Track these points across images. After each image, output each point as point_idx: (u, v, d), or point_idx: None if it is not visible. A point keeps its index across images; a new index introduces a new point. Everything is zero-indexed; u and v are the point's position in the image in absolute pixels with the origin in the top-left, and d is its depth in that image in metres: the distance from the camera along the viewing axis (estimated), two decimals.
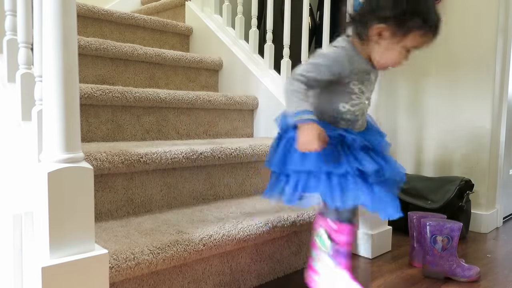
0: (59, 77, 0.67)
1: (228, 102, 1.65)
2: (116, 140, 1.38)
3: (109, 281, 0.75)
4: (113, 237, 0.93)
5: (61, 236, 0.67)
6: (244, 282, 1.13)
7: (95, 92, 1.29)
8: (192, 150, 1.22)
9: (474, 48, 1.81)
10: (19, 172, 0.92)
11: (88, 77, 1.56)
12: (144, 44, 1.97)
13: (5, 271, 0.88)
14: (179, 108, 1.54)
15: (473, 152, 1.82)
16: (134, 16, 1.92)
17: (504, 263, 1.40)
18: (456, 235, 1.22)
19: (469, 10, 1.82)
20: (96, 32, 1.83)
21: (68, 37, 0.67)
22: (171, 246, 0.91)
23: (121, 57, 1.62)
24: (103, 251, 0.72)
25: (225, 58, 1.94)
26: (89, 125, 1.32)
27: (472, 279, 1.22)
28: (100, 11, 1.82)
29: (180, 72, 1.83)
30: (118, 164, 1.06)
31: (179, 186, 1.24)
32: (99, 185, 1.06)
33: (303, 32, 1.64)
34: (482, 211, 1.78)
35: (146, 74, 1.72)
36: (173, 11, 2.33)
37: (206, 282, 1.04)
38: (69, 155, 0.68)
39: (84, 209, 0.70)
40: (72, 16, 0.67)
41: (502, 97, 1.83)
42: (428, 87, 1.97)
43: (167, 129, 1.51)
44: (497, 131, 1.82)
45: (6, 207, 0.96)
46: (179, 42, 2.12)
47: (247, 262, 1.13)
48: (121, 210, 1.12)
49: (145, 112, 1.45)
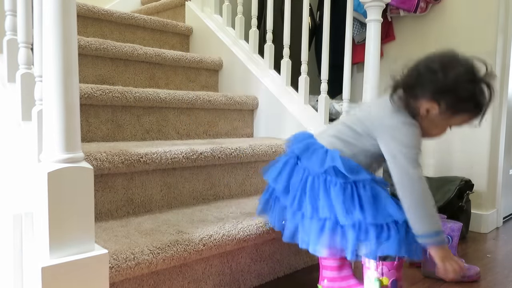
0: (59, 77, 0.67)
1: (228, 102, 1.65)
2: (116, 140, 1.38)
3: (109, 281, 0.75)
4: (113, 237, 0.93)
5: (61, 236, 0.67)
6: (244, 282, 1.13)
7: (95, 92, 1.29)
8: (192, 150, 1.22)
9: (474, 48, 1.81)
10: (19, 172, 0.92)
11: (88, 77, 1.56)
12: (144, 44, 1.97)
13: (5, 271, 0.88)
14: (179, 108, 1.54)
15: (473, 152, 1.82)
16: (134, 16, 1.92)
17: (504, 263, 1.40)
18: (456, 235, 1.22)
19: (469, 10, 1.82)
20: (96, 32, 1.83)
21: (68, 37, 0.67)
22: (171, 246, 0.91)
23: (121, 57, 1.62)
24: (103, 251, 0.72)
25: (225, 58, 1.94)
26: (89, 125, 1.32)
27: (472, 279, 1.22)
28: (100, 11, 1.82)
29: (180, 72, 1.83)
30: (118, 164, 1.06)
31: (179, 186, 1.24)
32: (99, 185, 1.06)
33: (303, 32, 1.64)
34: (482, 211, 1.78)
35: (146, 74, 1.72)
36: (173, 11, 2.33)
37: (206, 282, 1.04)
38: (69, 155, 0.68)
39: (84, 209, 0.70)
40: (72, 16, 0.67)
41: (502, 97, 1.83)
42: None
43: (167, 129, 1.51)
44: (497, 131, 1.82)
45: (6, 207, 0.96)
46: (179, 42, 2.12)
47: (247, 262, 1.13)
48: (121, 210, 1.12)
49: (145, 112, 1.45)
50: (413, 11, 1.90)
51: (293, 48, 1.80)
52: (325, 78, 1.57)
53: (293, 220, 0.95)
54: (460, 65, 0.87)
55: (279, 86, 1.73)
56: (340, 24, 1.69)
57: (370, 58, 1.34)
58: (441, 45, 1.90)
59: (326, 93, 1.58)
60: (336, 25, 1.87)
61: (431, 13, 1.94)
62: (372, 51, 1.34)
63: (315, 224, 0.90)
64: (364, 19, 1.74)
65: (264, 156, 1.43)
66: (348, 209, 0.87)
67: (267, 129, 1.73)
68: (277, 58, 1.77)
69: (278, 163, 1.02)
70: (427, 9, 1.93)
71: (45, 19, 0.66)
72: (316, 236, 0.90)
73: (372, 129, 0.94)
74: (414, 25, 2.00)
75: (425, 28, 1.96)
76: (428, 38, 1.96)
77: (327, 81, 1.58)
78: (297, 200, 0.94)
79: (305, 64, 1.65)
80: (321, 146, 0.97)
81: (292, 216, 0.96)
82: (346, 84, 1.50)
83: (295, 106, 1.65)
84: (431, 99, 0.88)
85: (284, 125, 1.66)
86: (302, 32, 1.64)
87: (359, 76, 2.20)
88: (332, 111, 1.92)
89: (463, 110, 0.89)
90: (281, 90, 1.71)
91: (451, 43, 1.87)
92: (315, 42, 2.31)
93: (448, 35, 1.89)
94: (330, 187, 0.89)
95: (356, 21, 2.08)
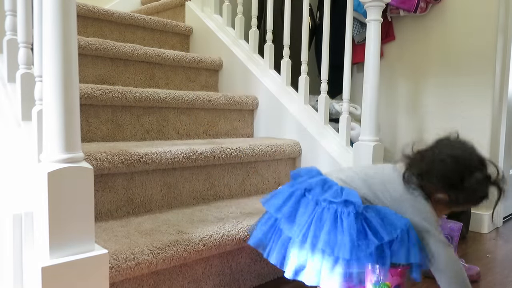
0: (59, 77, 0.67)
1: (228, 102, 1.65)
2: (116, 140, 1.38)
3: (109, 281, 0.75)
4: (113, 237, 0.93)
5: (61, 236, 0.67)
6: (244, 282, 1.13)
7: (95, 92, 1.29)
8: (192, 150, 1.22)
9: (474, 48, 1.81)
10: (19, 172, 0.92)
11: (88, 77, 1.56)
12: (144, 44, 1.97)
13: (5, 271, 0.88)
14: (179, 108, 1.54)
15: None
16: (134, 16, 1.92)
17: (504, 263, 1.40)
18: (456, 235, 1.22)
19: (469, 10, 1.82)
20: (96, 32, 1.83)
21: (68, 37, 0.67)
22: (171, 246, 0.91)
23: (121, 57, 1.62)
24: (103, 251, 0.72)
25: (225, 58, 1.94)
26: (89, 125, 1.32)
27: (472, 279, 1.22)
28: (100, 11, 1.82)
29: (180, 72, 1.83)
30: (118, 164, 1.06)
31: (179, 186, 1.24)
32: (99, 185, 1.06)
33: (303, 32, 1.64)
34: (482, 211, 1.78)
35: (146, 74, 1.72)
36: (173, 11, 2.33)
37: (206, 282, 1.04)
38: (69, 155, 0.68)
39: (84, 209, 0.70)
40: (72, 16, 0.67)
41: (502, 97, 1.83)
42: (428, 87, 1.97)
43: (167, 129, 1.51)
44: (497, 131, 1.82)
45: (6, 207, 0.96)
46: (179, 42, 2.12)
47: (247, 262, 1.13)
48: (121, 210, 1.12)
49: (145, 112, 1.45)
50: (413, 11, 1.90)
51: (293, 48, 1.80)
52: (325, 78, 1.57)
53: (300, 253, 0.89)
54: (478, 169, 0.90)
55: (279, 86, 1.73)
56: (340, 24, 1.69)
57: (370, 58, 1.34)
58: (441, 45, 1.91)
59: (326, 93, 1.58)
60: (336, 25, 1.87)
61: (431, 13, 1.94)
62: (372, 51, 1.34)
63: (328, 260, 0.86)
64: (364, 19, 1.74)
65: (264, 156, 1.43)
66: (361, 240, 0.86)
67: (267, 129, 1.73)
68: (277, 58, 1.77)
69: (281, 193, 0.96)
70: (427, 9, 1.93)
71: (45, 19, 0.66)
72: (329, 273, 0.86)
73: (393, 198, 0.94)
74: (414, 25, 2.00)
75: (425, 28, 1.96)
76: (428, 38, 1.96)
77: (327, 81, 1.58)
78: (305, 231, 0.88)
79: (305, 64, 1.65)
80: (335, 183, 0.96)
81: (300, 248, 0.89)
82: (346, 84, 1.50)
83: (295, 106, 1.65)
84: (445, 192, 0.92)
85: (284, 125, 1.66)
86: (302, 32, 1.64)
87: (359, 76, 2.20)
88: (332, 111, 1.92)
89: (469, 201, 0.93)
90: (281, 90, 1.71)
91: (451, 43, 1.88)
92: (315, 42, 2.31)
93: (448, 35, 1.89)
94: (342, 218, 0.88)
95: (356, 21, 2.08)
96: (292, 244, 0.90)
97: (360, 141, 1.38)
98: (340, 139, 1.52)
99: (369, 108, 1.35)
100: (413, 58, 2.02)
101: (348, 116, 1.51)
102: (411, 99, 2.03)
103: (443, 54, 1.90)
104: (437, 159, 0.92)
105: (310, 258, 0.87)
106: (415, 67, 2.00)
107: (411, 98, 2.03)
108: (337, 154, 1.47)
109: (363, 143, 1.37)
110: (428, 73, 1.96)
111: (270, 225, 0.95)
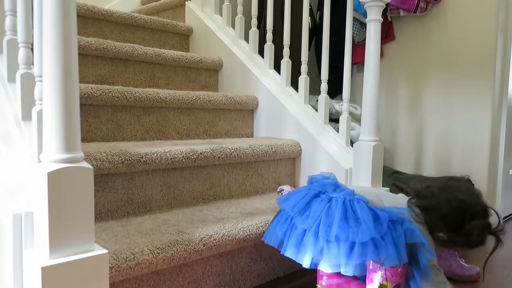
0: (59, 77, 0.67)
1: (228, 102, 1.65)
2: (116, 140, 1.38)
3: (109, 281, 0.75)
4: (113, 237, 0.93)
5: (61, 236, 0.67)
6: (244, 282, 1.13)
7: (95, 92, 1.29)
8: (192, 150, 1.22)
9: (474, 47, 1.81)
10: (19, 172, 0.92)
11: (88, 77, 1.56)
12: (144, 44, 1.97)
13: (5, 271, 0.88)
14: (179, 108, 1.54)
15: (473, 152, 1.82)
16: (134, 16, 1.92)
17: (504, 263, 1.40)
18: None
19: (469, 10, 1.82)
20: (96, 32, 1.83)
21: (68, 37, 0.67)
22: (171, 246, 0.91)
23: (121, 57, 1.62)
24: (103, 251, 0.72)
25: (225, 58, 1.94)
26: (89, 125, 1.32)
27: (472, 279, 1.22)
28: (100, 11, 1.82)
29: (180, 72, 1.83)
30: (118, 164, 1.06)
31: (179, 186, 1.24)
32: (99, 185, 1.06)
33: (303, 32, 1.64)
34: None
35: (146, 74, 1.72)
36: (173, 11, 2.33)
37: (206, 282, 1.04)
38: (69, 155, 0.68)
39: (84, 209, 0.70)
40: (72, 16, 0.67)
41: (502, 97, 1.83)
42: (428, 87, 1.97)
43: (167, 129, 1.51)
44: (497, 131, 1.82)
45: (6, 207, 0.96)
46: (179, 42, 2.12)
47: (247, 262, 1.13)
48: (121, 210, 1.12)
49: (145, 112, 1.45)
50: (413, 11, 1.90)
51: (293, 48, 1.80)
52: (325, 78, 1.57)
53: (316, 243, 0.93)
54: (479, 217, 0.95)
55: (279, 86, 1.73)
56: (340, 24, 1.69)
57: (370, 58, 1.34)
58: (441, 45, 1.91)
59: (326, 93, 1.58)
60: (336, 25, 1.87)
61: (431, 13, 1.94)
62: (372, 51, 1.34)
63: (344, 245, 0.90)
64: (364, 19, 1.74)
65: (264, 156, 1.43)
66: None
67: (267, 129, 1.73)
68: (277, 58, 1.78)
69: (298, 193, 1.03)
70: (427, 9, 1.93)
71: (45, 19, 0.66)
72: (346, 257, 0.90)
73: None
74: (414, 25, 2.00)
75: (425, 28, 1.96)
76: (428, 38, 1.96)
77: (327, 81, 1.58)
78: (319, 221, 0.93)
79: (305, 64, 1.65)
80: (347, 188, 1.04)
81: (314, 238, 0.93)
82: (346, 84, 1.50)
83: (295, 106, 1.65)
84: (445, 232, 0.98)
85: (284, 125, 1.66)
86: (302, 32, 1.64)
87: (359, 76, 2.20)
88: (332, 111, 1.92)
89: (468, 248, 1.00)
90: (281, 90, 1.71)
91: (451, 43, 1.88)
92: (315, 42, 2.31)
93: (448, 35, 1.89)
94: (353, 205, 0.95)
95: (356, 21, 2.08)
96: (307, 236, 0.94)
97: (360, 141, 1.38)
98: (340, 139, 1.52)
99: (369, 108, 1.35)
100: (413, 58, 2.02)
101: (348, 116, 1.51)
102: (411, 99, 2.03)
103: (443, 54, 1.90)
104: (443, 199, 0.97)
105: (326, 246, 0.91)
106: (415, 67, 2.00)
107: (411, 98, 2.03)
108: (337, 154, 1.47)
109: (363, 143, 1.37)
110: (428, 73, 1.96)
111: (287, 225, 1.00)
